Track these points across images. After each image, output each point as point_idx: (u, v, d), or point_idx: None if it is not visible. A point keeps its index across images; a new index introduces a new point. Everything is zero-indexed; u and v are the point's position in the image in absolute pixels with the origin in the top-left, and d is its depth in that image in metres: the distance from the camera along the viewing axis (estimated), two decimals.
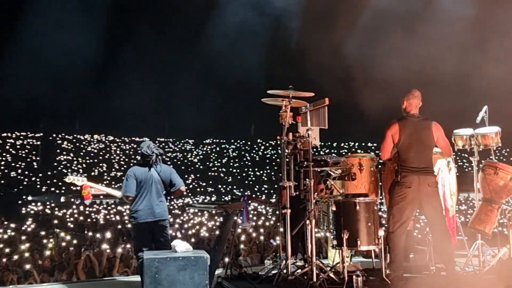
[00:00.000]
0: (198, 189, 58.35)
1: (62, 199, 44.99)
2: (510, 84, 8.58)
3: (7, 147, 64.23)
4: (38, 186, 56.11)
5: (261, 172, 69.32)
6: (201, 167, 69.16)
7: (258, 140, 77.91)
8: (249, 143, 78.29)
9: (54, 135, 69.69)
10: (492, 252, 7.59)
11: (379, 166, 7.16)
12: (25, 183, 57.20)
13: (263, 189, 62.37)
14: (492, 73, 9.72)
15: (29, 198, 46.18)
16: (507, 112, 8.07)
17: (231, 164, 72.35)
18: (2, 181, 55.54)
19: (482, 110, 7.83)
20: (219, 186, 63.13)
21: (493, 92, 8.61)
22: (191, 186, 57.07)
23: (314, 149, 6.90)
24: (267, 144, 74.58)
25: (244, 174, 69.60)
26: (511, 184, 6.92)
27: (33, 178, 58.51)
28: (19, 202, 43.45)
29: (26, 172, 59.85)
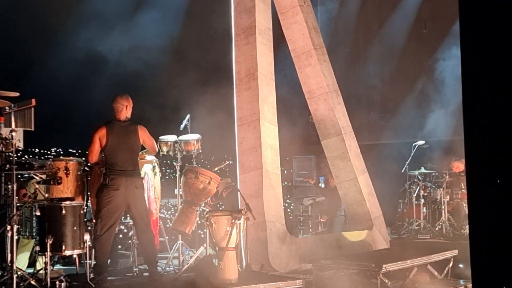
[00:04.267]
0: None
1: None
2: (208, 94, 9.33)
3: None
4: None
5: None
6: None
7: None
8: None
9: None
10: (191, 252, 8.11)
11: (87, 170, 7.12)
12: None
13: None
14: (194, 84, 10.43)
15: None
16: (206, 121, 8.74)
17: None
18: None
19: (185, 118, 8.36)
20: None
21: (194, 102, 9.24)
22: None
23: (18, 152, 6.55)
24: None
25: None
26: (209, 187, 7.45)
27: None
28: None
29: None
